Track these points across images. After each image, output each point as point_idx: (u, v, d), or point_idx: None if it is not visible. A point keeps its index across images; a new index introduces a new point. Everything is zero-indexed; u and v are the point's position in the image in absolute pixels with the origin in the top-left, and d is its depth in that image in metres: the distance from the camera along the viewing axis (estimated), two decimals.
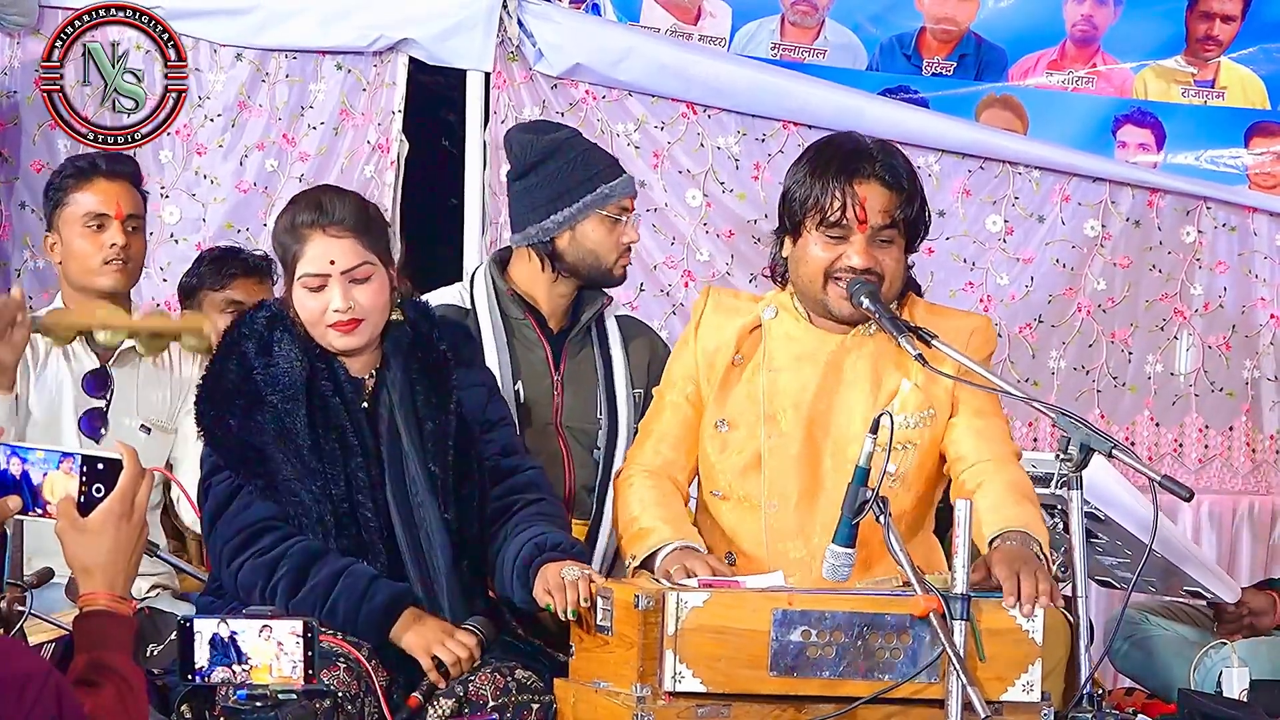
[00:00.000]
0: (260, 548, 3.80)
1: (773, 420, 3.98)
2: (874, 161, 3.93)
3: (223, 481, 3.86)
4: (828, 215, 3.92)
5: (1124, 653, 4.92)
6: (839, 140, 4.02)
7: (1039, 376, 6.36)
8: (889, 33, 6.74)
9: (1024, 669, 3.58)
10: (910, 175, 3.97)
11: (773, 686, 3.51)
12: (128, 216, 4.70)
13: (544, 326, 4.56)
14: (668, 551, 3.83)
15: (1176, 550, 4.65)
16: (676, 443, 4.07)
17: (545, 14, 6.00)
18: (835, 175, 3.91)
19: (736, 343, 4.05)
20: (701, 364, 4.07)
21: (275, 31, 5.88)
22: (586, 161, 4.53)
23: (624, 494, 4.04)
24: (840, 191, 3.90)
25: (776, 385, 4.00)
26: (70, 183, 4.71)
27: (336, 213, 3.91)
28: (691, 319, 4.16)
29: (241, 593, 3.80)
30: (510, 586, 3.83)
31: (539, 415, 4.50)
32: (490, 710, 3.67)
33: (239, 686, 2.97)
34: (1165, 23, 6.86)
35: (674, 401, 4.10)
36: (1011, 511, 3.78)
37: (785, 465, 3.95)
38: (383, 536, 3.86)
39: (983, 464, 3.91)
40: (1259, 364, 6.54)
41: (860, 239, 3.91)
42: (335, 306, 3.87)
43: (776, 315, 4.06)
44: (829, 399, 3.97)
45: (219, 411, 3.86)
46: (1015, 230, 6.36)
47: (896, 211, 3.92)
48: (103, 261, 4.66)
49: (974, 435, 3.96)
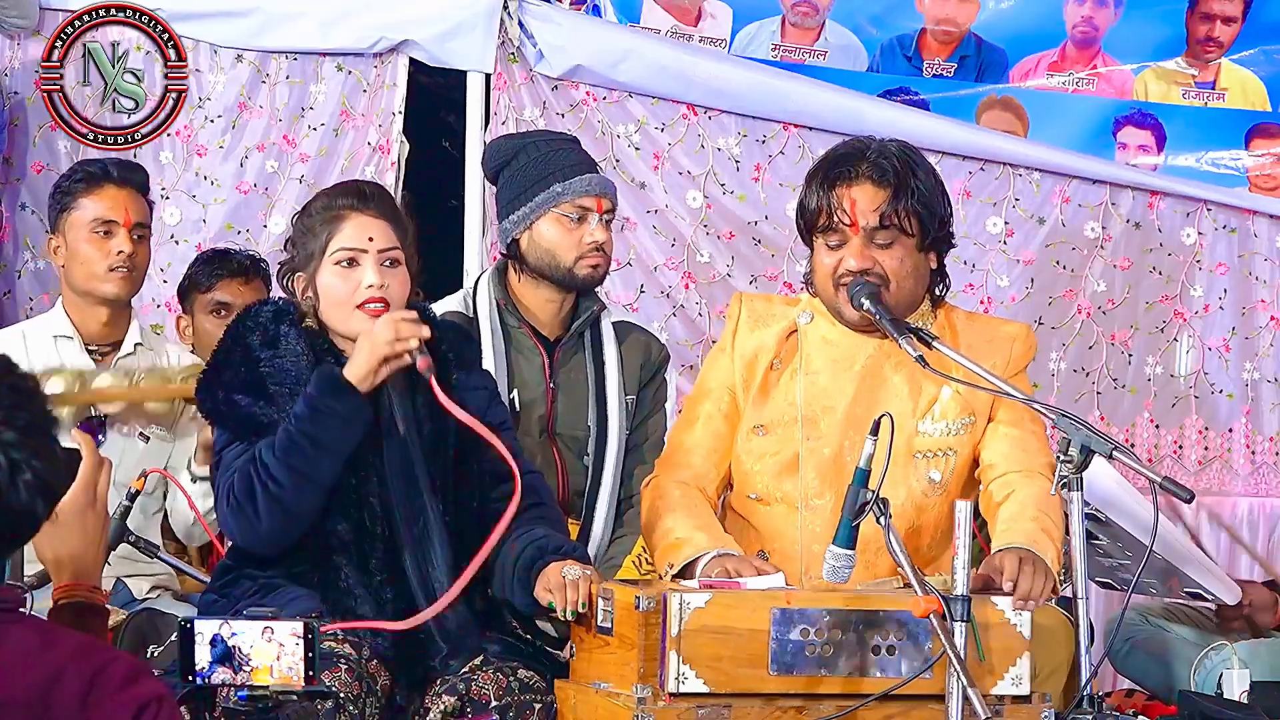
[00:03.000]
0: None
1: (812, 423, 3.97)
2: (862, 161, 3.92)
3: (233, 448, 3.86)
4: (822, 222, 3.92)
5: (1124, 654, 4.91)
6: (840, 146, 4.03)
7: (1039, 378, 6.36)
8: (889, 34, 6.74)
9: (1012, 662, 3.59)
10: (904, 170, 3.92)
11: (773, 686, 3.52)
12: (135, 225, 4.71)
13: (540, 335, 4.56)
14: (709, 559, 3.82)
15: (1177, 552, 4.64)
16: (708, 454, 4.06)
17: (546, 15, 6.00)
18: (824, 181, 3.93)
19: (776, 348, 4.05)
20: (739, 372, 4.06)
21: (276, 33, 5.88)
22: (546, 160, 4.55)
23: (655, 504, 4.01)
24: (830, 196, 3.91)
25: (815, 387, 3.99)
26: (80, 187, 4.72)
27: (375, 198, 3.97)
28: (727, 328, 4.14)
29: (243, 499, 3.78)
30: (511, 589, 3.83)
31: (533, 423, 4.51)
32: (492, 710, 3.67)
33: (239, 688, 2.97)
34: (1166, 24, 6.86)
35: (708, 412, 4.07)
36: (1028, 527, 3.78)
37: (823, 467, 3.95)
38: (383, 527, 3.86)
39: (1012, 475, 3.92)
40: (1259, 366, 6.53)
41: (856, 241, 3.91)
42: (369, 283, 3.87)
43: (813, 320, 4.05)
44: (867, 404, 3.96)
45: (226, 392, 3.87)
46: (1015, 232, 6.36)
47: (888, 207, 3.90)
48: (108, 268, 4.67)
49: (1007, 444, 3.97)
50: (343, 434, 3.79)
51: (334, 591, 3.81)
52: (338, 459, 3.80)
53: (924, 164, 4.01)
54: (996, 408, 4.00)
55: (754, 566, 3.78)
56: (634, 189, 6.07)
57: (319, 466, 3.77)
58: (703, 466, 4.05)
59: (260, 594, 3.82)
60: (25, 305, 5.72)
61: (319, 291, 3.92)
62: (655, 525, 3.98)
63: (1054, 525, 3.86)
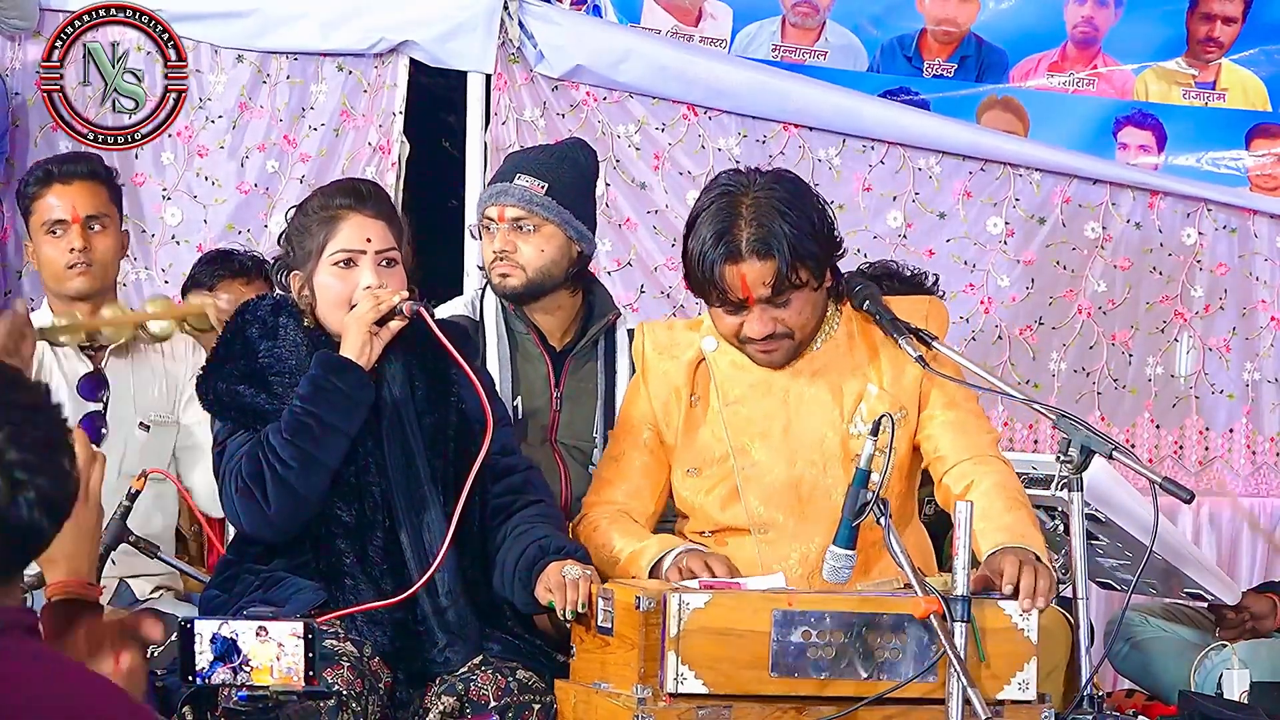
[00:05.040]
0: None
1: (743, 453, 3.94)
2: (742, 238, 3.77)
3: (236, 437, 3.87)
4: (714, 299, 3.86)
5: (1124, 654, 4.91)
6: (714, 216, 3.82)
7: (1039, 378, 6.36)
8: (890, 34, 6.74)
9: (1019, 667, 3.58)
10: (784, 228, 3.76)
11: (774, 687, 3.51)
12: (87, 218, 4.67)
13: (546, 342, 4.56)
14: (676, 553, 3.81)
15: (1177, 552, 4.65)
16: (636, 491, 4.02)
17: (546, 16, 6.00)
18: (711, 264, 3.79)
19: (688, 383, 4.00)
20: (657, 409, 4.01)
21: (276, 34, 5.89)
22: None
23: (593, 536, 3.96)
24: (716, 277, 3.80)
25: (739, 418, 3.95)
26: (31, 190, 4.72)
27: (372, 197, 3.96)
28: (636, 363, 4.09)
29: (251, 483, 3.79)
30: (512, 588, 3.83)
31: (536, 430, 4.51)
32: (491, 710, 3.67)
33: (240, 688, 2.98)
34: (1166, 24, 6.85)
35: (632, 446, 4.03)
36: (1007, 520, 3.76)
37: (766, 493, 3.92)
38: (384, 516, 3.86)
39: (964, 464, 3.88)
40: (1259, 366, 6.53)
41: (754, 311, 3.84)
42: (366, 284, 3.87)
43: (718, 346, 3.99)
44: (794, 421, 3.93)
45: (228, 383, 3.87)
46: (1016, 232, 6.36)
47: (778, 277, 3.79)
48: (66, 266, 4.66)
49: (951, 431, 3.92)
50: (347, 412, 3.80)
51: (336, 581, 3.81)
52: (344, 439, 3.81)
53: (799, 199, 3.85)
54: (926, 395, 3.94)
55: (724, 562, 3.76)
56: (634, 189, 6.07)
57: (325, 447, 3.78)
58: (631, 501, 4.00)
59: (263, 588, 3.82)
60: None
61: (316, 291, 3.93)
62: (604, 552, 3.91)
63: (1026, 506, 3.83)
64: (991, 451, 3.93)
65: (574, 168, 4.58)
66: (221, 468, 3.88)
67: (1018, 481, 3.91)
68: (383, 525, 3.86)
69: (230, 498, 3.85)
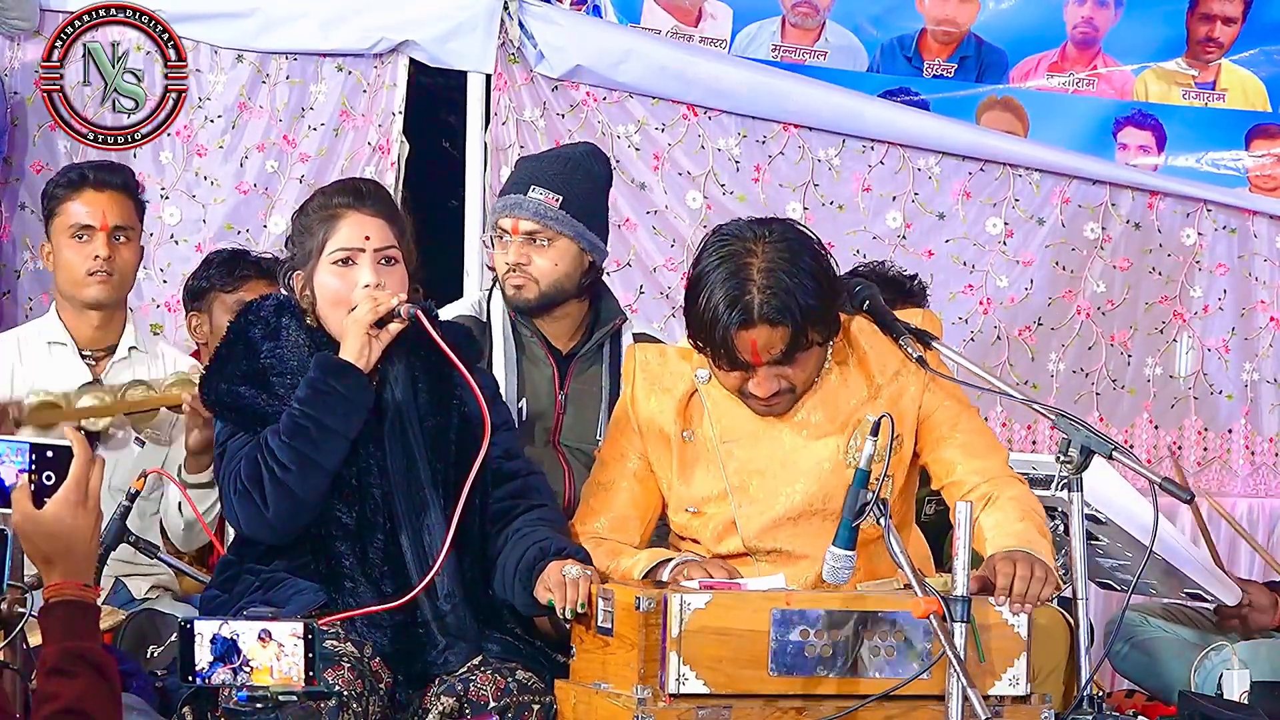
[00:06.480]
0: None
1: (742, 490, 3.92)
2: (754, 303, 3.72)
3: (237, 438, 3.86)
4: (722, 360, 3.81)
5: (1124, 655, 4.91)
6: (724, 278, 3.75)
7: (1038, 379, 6.37)
8: (890, 34, 6.74)
9: (1010, 663, 3.59)
10: (795, 294, 3.71)
11: (773, 687, 3.52)
12: (114, 228, 4.68)
13: (552, 346, 4.56)
14: (675, 564, 3.80)
15: (1176, 552, 4.65)
16: (622, 523, 3.99)
17: (546, 16, 6.01)
18: (725, 329, 3.74)
19: (679, 419, 3.96)
20: (647, 436, 3.98)
21: (276, 34, 5.89)
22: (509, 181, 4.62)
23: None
24: (728, 343, 3.75)
25: (734, 457, 3.92)
26: (61, 192, 4.71)
27: (372, 196, 3.96)
28: (624, 384, 4.04)
29: (250, 485, 3.78)
30: (512, 590, 3.83)
31: (541, 432, 4.50)
32: (491, 711, 3.67)
33: (240, 688, 2.98)
34: (1166, 25, 6.86)
35: (620, 475, 4.01)
36: (1017, 527, 3.76)
37: (768, 527, 3.90)
38: (384, 518, 3.86)
39: (982, 486, 3.87)
40: (1258, 367, 6.54)
41: (761, 371, 3.81)
42: (366, 282, 3.87)
43: (710, 380, 3.94)
44: (793, 456, 3.91)
45: (230, 384, 3.87)
46: (1015, 232, 6.36)
47: (789, 342, 3.75)
48: (87, 273, 4.66)
49: (961, 453, 3.90)
50: (346, 414, 3.80)
51: (336, 583, 3.81)
52: (342, 442, 3.81)
53: (806, 255, 3.78)
54: (926, 414, 3.92)
55: (723, 568, 3.76)
56: (634, 189, 6.07)
57: (324, 449, 3.78)
58: (615, 535, 3.98)
59: (264, 589, 3.82)
60: (25, 305, 5.73)
61: (316, 290, 3.92)
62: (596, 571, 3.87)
63: (1042, 522, 3.82)
64: (1006, 470, 3.92)
65: (588, 178, 4.55)
66: (222, 470, 3.88)
67: (1035, 500, 3.88)
68: (383, 527, 3.86)
69: (230, 499, 3.85)
